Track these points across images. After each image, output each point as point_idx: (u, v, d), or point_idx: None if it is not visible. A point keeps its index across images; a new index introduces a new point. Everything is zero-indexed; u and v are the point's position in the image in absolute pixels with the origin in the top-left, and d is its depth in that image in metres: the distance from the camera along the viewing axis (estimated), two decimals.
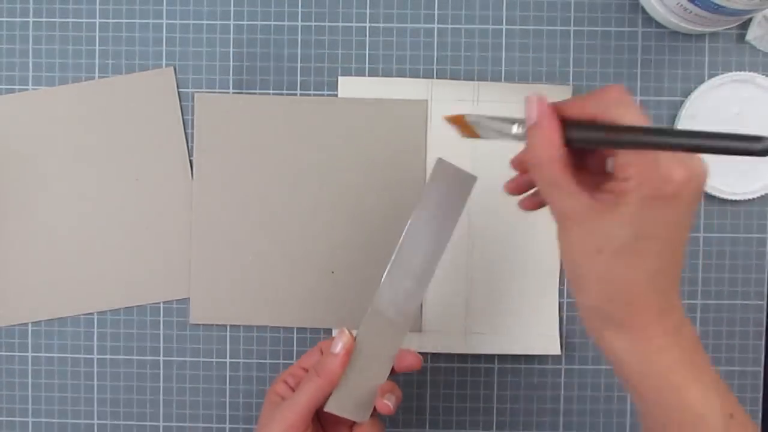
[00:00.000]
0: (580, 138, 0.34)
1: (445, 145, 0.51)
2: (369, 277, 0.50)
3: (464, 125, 0.39)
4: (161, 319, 0.52)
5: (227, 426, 0.52)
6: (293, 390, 0.42)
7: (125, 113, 0.51)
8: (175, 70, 0.52)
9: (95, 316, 0.52)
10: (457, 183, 0.43)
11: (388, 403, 0.40)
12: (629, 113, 0.33)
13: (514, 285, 0.51)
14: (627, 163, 0.32)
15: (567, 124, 0.34)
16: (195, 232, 0.51)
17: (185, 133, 0.52)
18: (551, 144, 0.34)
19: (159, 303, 0.52)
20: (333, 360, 0.40)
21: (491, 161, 0.51)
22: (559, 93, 0.50)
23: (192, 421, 0.52)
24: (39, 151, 0.52)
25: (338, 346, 0.41)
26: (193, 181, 0.51)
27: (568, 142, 0.34)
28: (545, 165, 0.34)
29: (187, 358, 0.52)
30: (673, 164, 0.32)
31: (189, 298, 0.52)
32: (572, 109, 0.34)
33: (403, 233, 0.42)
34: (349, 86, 0.51)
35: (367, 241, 0.51)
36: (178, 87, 0.52)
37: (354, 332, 0.41)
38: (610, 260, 0.33)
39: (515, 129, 0.36)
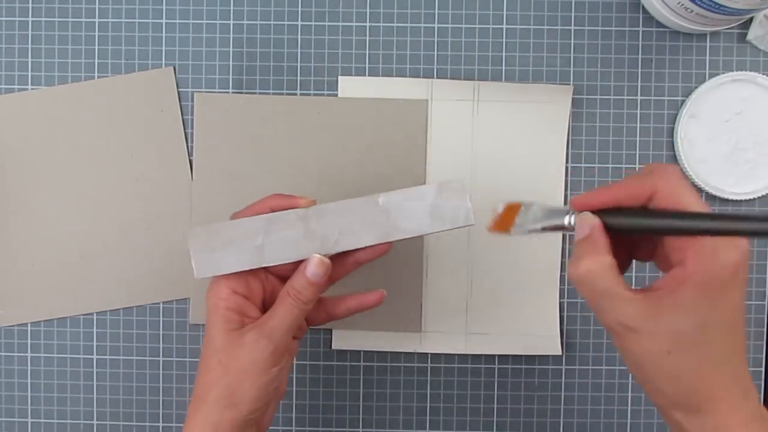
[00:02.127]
0: (631, 228, 0.34)
1: (444, 145, 0.51)
2: (369, 277, 0.50)
3: (509, 216, 0.37)
4: (161, 319, 0.52)
5: None
6: (246, 298, 0.40)
7: (125, 113, 0.51)
8: (174, 70, 0.52)
9: (95, 316, 0.52)
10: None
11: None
12: (690, 195, 0.33)
13: (514, 285, 0.51)
14: (681, 247, 0.32)
15: (621, 211, 0.34)
16: None
17: (185, 133, 0.52)
18: (599, 253, 0.33)
19: (159, 303, 0.52)
20: (313, 287, 0.39)
21: (492, 163, 0.51)
22: (559, 93, 0.50)
23: None
24: (39, 151, 0.52)
25: (317, 273, 0.39)
26: (193, 181, 0.51)
27: (625, 232, 0.34)
28: (597, 275, 0.33)
29: (187, 359, 0.52)
30: (727, 248, 0.32)
31: (189, 298, 0.52)
32: (623, 191, 0.34)
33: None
34: (349, 86, 0.51)
35: None
36: (178, 87, 0.51)
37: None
38: (680, 358, 0.32)
39: (567, 220, 0.36)
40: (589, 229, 0.34)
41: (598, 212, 0.34)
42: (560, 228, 0.36)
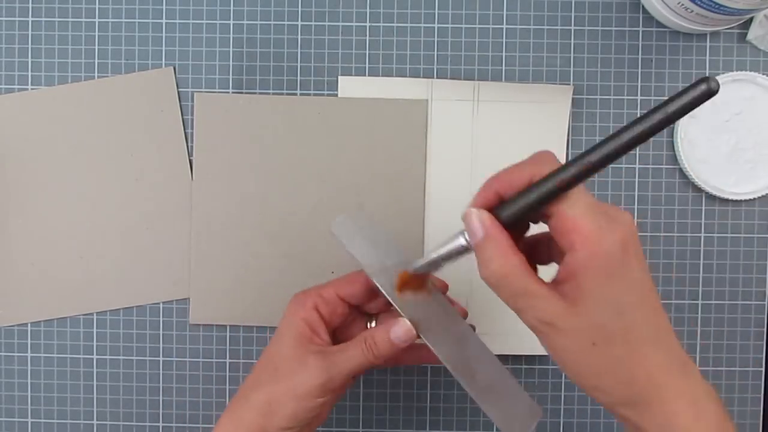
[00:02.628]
0: (517, 210, 0.33)
1: (444, 144, 0.51)
2: None
3: (413, 281, 0.38)
4: (161, 320, 0.52)
5: None
6: (323, 319, 0.40)
7: (125, 113, 0.51)
8: (175, 70, 0.52)
9: (95, 316, 0.52)
10: (362, 229, 0.41)
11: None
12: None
13: None
14: (566, 231, 0.31)
15: (502, 203, 0.33)
16: (195, 232, 0.51)
17: (185, 133, 0.52)
18: (506, 253, 0.32)
19: (159, 303, 0.52)
20: (391, 348, 0.39)
21: (492, 163, 0.51)
22: (559, 93, 0.50)
23: (192, 421, 0.52)
24: (39, 151, 0.52)
25: (400, 338, 0.39)
26: (193, 181, 0.51)
27: (510, 220, 0.33)
28: (509, 276, 0.32)
29: (187, 359, 0.52)
30: (609, 224, 0.31)
31: (189, 298, 0.52)
32: (507, 182, 0.33)
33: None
34: (349, 86, 0.51)
35: None
36: (178, 87, 0.52)
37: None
38: (607, 348, 0.31)
39: (462, 240, 0.35)
40: (483, 228, 0.33)
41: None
42: (461, 251, 0.35)
